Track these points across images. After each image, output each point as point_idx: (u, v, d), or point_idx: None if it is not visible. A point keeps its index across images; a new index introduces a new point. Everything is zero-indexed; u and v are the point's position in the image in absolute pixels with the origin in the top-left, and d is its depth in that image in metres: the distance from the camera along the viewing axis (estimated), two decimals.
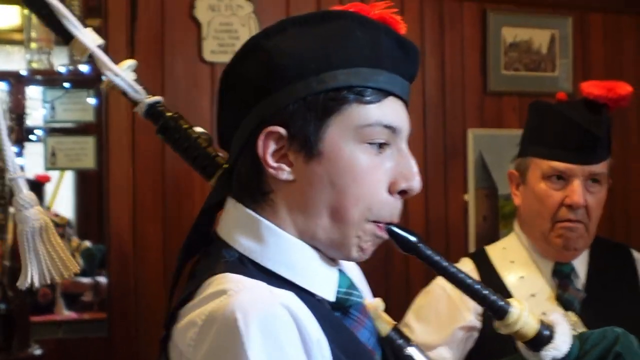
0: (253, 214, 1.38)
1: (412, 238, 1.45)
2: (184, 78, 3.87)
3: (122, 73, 1.59)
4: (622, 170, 4.83)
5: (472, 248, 4.19)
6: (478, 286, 1.55)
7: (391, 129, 1.37)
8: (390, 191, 1.38)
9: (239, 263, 1.34)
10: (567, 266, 2.41)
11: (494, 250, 2.53)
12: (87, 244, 4.77)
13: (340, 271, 1.44)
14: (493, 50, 4.62)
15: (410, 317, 2.48)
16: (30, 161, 3.93)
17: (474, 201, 4.52)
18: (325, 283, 1.39)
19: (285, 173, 1.35)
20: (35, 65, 3.67)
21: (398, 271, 4.14)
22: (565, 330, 1.55)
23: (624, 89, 2.33)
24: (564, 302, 2.36)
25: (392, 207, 1.40)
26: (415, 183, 1.39)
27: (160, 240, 3.96)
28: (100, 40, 1.62)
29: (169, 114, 1.60)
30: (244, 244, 1.36)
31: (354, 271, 1.62)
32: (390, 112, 1.37)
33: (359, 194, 1.35)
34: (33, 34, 3.66)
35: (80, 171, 4.40)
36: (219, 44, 3.92)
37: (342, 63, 1.34)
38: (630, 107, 4.83)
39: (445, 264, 1.53)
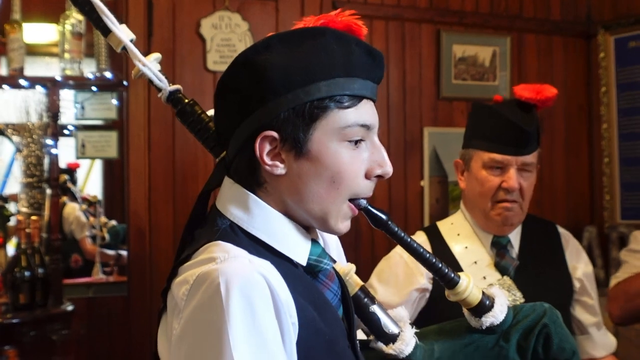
0: (243, 189, 1.37)
1: (383, 216, 1.46)
2: (192, 84, 3.87)
3: (149, 64, 1.56)
4: (549, 160, 4.87)
5: (427, 224, 4.19)
6: (434, 260, 1.55)
7: (366, 126, 1.36)
8: (367, 176, 1.38)
9: (229, 230, 1.33)
10: (504, 239, 2.40)
11: (443, 225, 2.51)
12: (113, 222, 4.76)
13: (314, 241, 1.43)
14: (445, 63, 4.62)
15: (373, 279, 2.46)
16: (63, 152, 3.91)
17: (428, 187, 4.53)
18: (298, 250, 1.38)
19: (279, 169, 1.33)
20: (68, 73, 3.65)
21: (366, 245, 4.16)
22: (503, 302, 1.55)
23: (550, 91, 2.34)
24: (501, 269, 2.35)
25: (368, 188, 1.40)
26: (387, 168, 1.39)
27: (171, 217, 3.97)
28: (132, 35, 1.59)
29: (186, 100, 1.59)
30: (234, 213, 1.36)
31: (332, 242, 1.62)
32: (365, 113, 1.37)
33: (342, 182, 1.35)
34: (67, 47, 3.65)
35: (106, 160, 4.39)
36: (220, 56, 3.92)
37: (323, 75, 1.32)
38: (558, 110, 4.87)
39: (409, 239, 1.54)
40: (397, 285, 2.35)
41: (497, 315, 1.52)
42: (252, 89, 1.34)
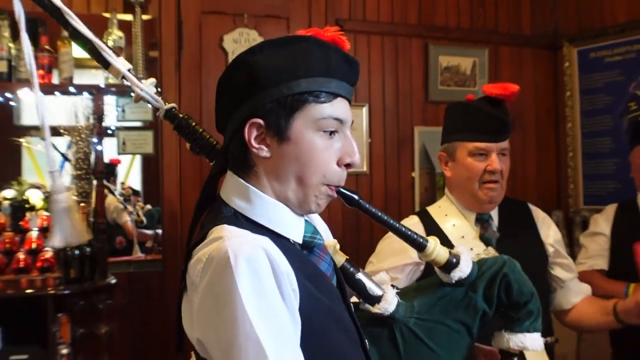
0: (244, 182, 1.38)
1: (354, 196, 1.47)
2: (215, 91, 3.90)
3: (146, 88, 1.57)
4: (522, 154, 4.90)
5: (417, 210, 4.21)
6: (403, 229, 1.57)
7: (339, 120, 1.37)
8: (338, 164, 1.39)
9: (233, 217, 1.35)
10: (486, 215, 2.41)
11: (432, 209, 2.52)
12: (149, 206, 4.79)
13: (307, 221, 1.44)
14: (432, 72, 4.65)
15: (372, 258, 2.47)
16: (107, 149, 3.93)
17: (418, 177, 4.55)
18: (294, 230, 1.40)
19: (264, 151, 1.36)
20: (110, 81, 3.66)
21: (366, 234, 4.18)
22: (468, 258, 1.57)
23: (513, 87, 2.33)
24: (485, 240, 2.35)
25: (339, 175, 1.40)
26: (355, 158, 1.40)
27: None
28: (129, 65, 1.62)
29: (181, 115, 1.59)
30: (238, 203, 1.37)
31: (319, 222, 1.61)
32: (338, 108, 1.38)
33: (316, 166, 1.36)
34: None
35: (143, 155, 4.41)
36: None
37: (304, 74, 1.35)
38: (529, 111, 4.89)
39: (379, 213, 1.54)
40: (394, 260, 2.35)
41: (463, 269, 1.55)
42: (244, 84, 1.37)
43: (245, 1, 4.18)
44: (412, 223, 2.44)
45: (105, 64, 1.62)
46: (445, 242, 2.25)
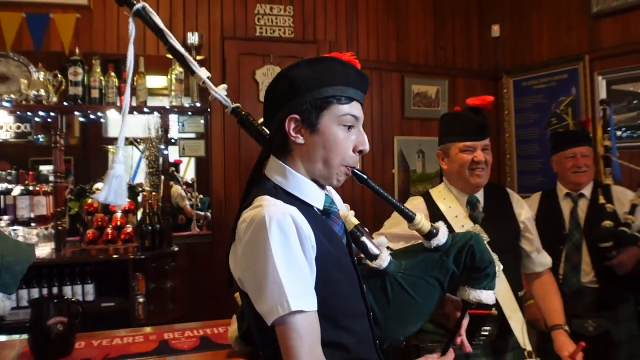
0: (283, 164, 1.38)
1: (364, 175, 1.48)
2: (249, 110, 3.91)
3: (219, 91, 1.59)
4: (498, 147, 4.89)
5: (397, 198, 4.22)
6: (398, 203, 1.56)
7: (355, 117, 1.38)
8: (354, 150, 1.39)
9: (273, 189, 1.35)
10: (474, 197, 2.35)
11: (433, 192, 2.44)
12: (201, 196, 4.80)
13: (327, 195, 1.44)
14: (407, 96, 4.65)
15: (382, 230, 2.39)
16: (171, 153, 3.94)
17: (397, 173, 4.55)
18: (317, 199, 1.39)
19: (300, 139, 1.35)
20: (174, 104, 3.69)
21: (369, 207, 4.19)
22: (445, 231, 1.55)
23: (489, 98, 2.30)
24: (473, 219, 2.29)
25: (354, 159, 1.40)
26: (366, 147, 1.40)
27: (238, 191, 3.97)
28: (208, 74, 1.62)
29: (243, 112, 1.60)
30: (277, 179, 1.37)
31: (337, 197, 1.60)
32: (355, 108, 1.38)
33: (338, 151, 1.36)
34: (173, 87, 3.68)
35: (197, 157, 4.42)
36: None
37: (329, 83, 1.35)
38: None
39: (381, 190, 1.54)
40: (399, 229, 2.27)
41: (440, 239, 1.54)
42: (286, 91, 1.37)
43: (271, 46, 4.20)
44: (417, 202, 2.39)
45: (191, 72, 1.63)
46: (443, 219, 2.24)
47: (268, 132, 1.49)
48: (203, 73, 1.66)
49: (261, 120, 1.67)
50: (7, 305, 1.05)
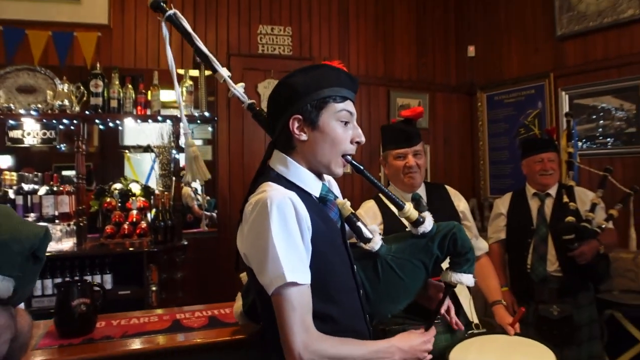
0: (284, 155, 1.40)
1: (361, 167, 1.49)
2: (251, 122, 3.92)
3: (238, 88, 1.63)
4: (450, 161, 4.92)
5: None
6: (390, 193, 1.56)
7: (350, 113, 1.40)
8: (351, 142, 1.40)
9: (276, 177, 1.37)
10: (417, 194, 2.28)
11: (382, 195, 2.45)
12: (208, 197, 4.79)
13: (324, 184, 1.44)
14: (392, 108, 4.67)
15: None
16: (182, 158, 3.92)
17: (383, 176, 4.52)
18: (315, 188, 1.41)
19: (302, 136, 1.37)
20: (184, 113, 3.70)
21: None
22: (430, 220, 1.55)
23: (419, 109, 2.30)
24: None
25: (352, 150, 1.41)
26: (362, 138, 1.42)
27: (241, 193, 3.97)
28: (228, 73, 1.66)
29: (258, 108, 1.63)
30: (280, 169, 1.39)
31: (335, 186, 1.61)
32: (349, 105, 1.40)
33: (337, 144, 1.38)
34: (183, 98, 3.70)
35: (205, 161, 4.39)
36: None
37: (325, 85, 1.37)
38: (455, 135, 4.89)
39: (375, 180, 1.54)
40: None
41: (426, 226, 1.54)
42: (287, 95, 1.39)
43: (271, 62, 4.22)
44: (370, 205, 2.37)
45: (214, 70, 1.66)
46: (393, 216, 2.22)
47: (269, 134, 1.50)
48: (224, 72, 1.69)
49: None
50: (4, 287, 0.95)
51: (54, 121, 3.56)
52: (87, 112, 3.51)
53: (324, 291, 1.32)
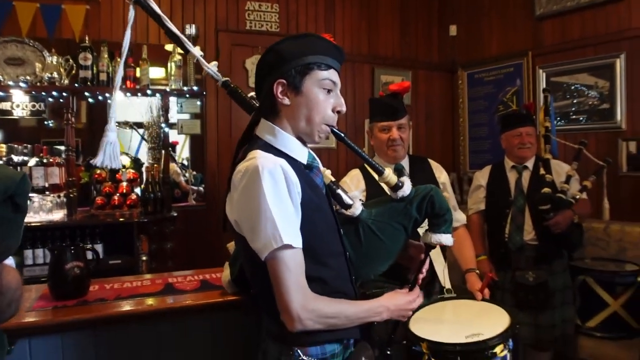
0: (272, 124, 1.38)
1: (342, 134, 1.46)
2: (239, 92, 3.87)
3: (211, 67, 1.61)
4: (431, 137, 4.93)
5: None
6: (370, 160, 1.57)
7: (333, 82, 1.38)
8: (333, 111, 1.39)
9: (264, 145, 1.34)
10: (400, 165, 2.37)
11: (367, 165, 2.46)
12: (194, 173, 4.75)
13: (309, 152, 1.44)
14: (376, 85, 4.64)
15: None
16: (171, 132, 3.88)
17: (367, 151, 4.55)
18: (301, 155, 1.40)
19: (286, 100, 1.35)
20: (173, 87, 3.64)
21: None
22: (409, 184, 1.56)
23: (405, 84, 2.33)
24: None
25: (333, 119, 1.40)
26: (344, 108, 1.40)
27: (229, 165, 3.94)
28: (201, 52, 1.63)
29: (232, 85, 1.61)
30: (267, 137, 1.37)
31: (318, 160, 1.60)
32: (333, 75, 1.38)
33: (319, 111, 1.36)
34: (172, 73, 3.63)
35: (193, 135, 4.33)
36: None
37: (311, 53, 1.35)
38: (436, 111, 4.90)
39: (357, 147, 1.53)
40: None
41: (405, 190, 1.56)
42: (273, 60, 1.36)
43: (259, 38, 4.16)
44: (355, 173, 2.39)
45: (186, 51, 1.64)
46: (377, 186, 2.22)
47: (258, 100, 1.48)
48: (197, 51, 1.67)
49: (251, 94, 1.67)
50: None
51: (43, 93, 3.48)
52: (76, 85, 3.43)
53: (314, 254, 1.32)
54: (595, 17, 3.89)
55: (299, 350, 1.31)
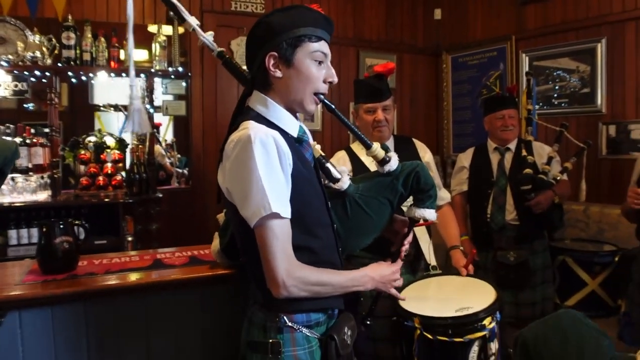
0: (264, 96, 1.38)
1: (332, 105, 1.49)
2: (225, 74, 3.82)
3: (207, 36, 1.61)
4: (415, 120, 4.96)
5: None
6: (359, 132, 1.60)
7: (324, 54, 1.39)
8: (324, 82, 1.41)
9: (256, 117, 1.36)
10: (385, 145, 2.29)
11: (354, 146, 2.45)
12: (179, 155, 4.75)
13: (300, 126, 1.44)
14: (361, 68, 4.65)
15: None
16: (156, 114, 3.87)
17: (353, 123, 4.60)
18: (292, 128, 1.41)
19: (278, 73, 1.36)
20: (158, 68, 3.62)
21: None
22: (396, 159, 1.59)
23: (390, 65, 2.34)
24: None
25: (324, 89, 1.42)
26: (335, 79, 1.42)
27: (215, 148, 3.92)
28: (197, 22, 1.64)
29: (227, 55, 1.61)
30: (259, 109, 1.38)
31: (306, 130, 1.60)
32: (324, 46, 1.40)
33: (310, 81, 1.38)
34: (157, 54, 3.61)
35: (178, 117, 4.32)
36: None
37: (301, 25, 1.36)
38: (420, 95, 4.92)
39: (345, 119, 1.55)
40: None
41: (392, 165, 1.59)
42: (264, 33, 1.37)
43: (244, 19, 4.14)
44: (341, 155, 2.41)
45: (182, 19, 1.64)
46: (364, 166, 2.30)
47: (250, 72, 1.48)
48: (193, 20, 1.66)
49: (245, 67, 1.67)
50: None
51: (26, 73, 3.45)
52: (59, 65, 3.40)
53: (304, 224, 1.35)
54: (576, 2, 3.94)
55: (284, 317, 1.34)
